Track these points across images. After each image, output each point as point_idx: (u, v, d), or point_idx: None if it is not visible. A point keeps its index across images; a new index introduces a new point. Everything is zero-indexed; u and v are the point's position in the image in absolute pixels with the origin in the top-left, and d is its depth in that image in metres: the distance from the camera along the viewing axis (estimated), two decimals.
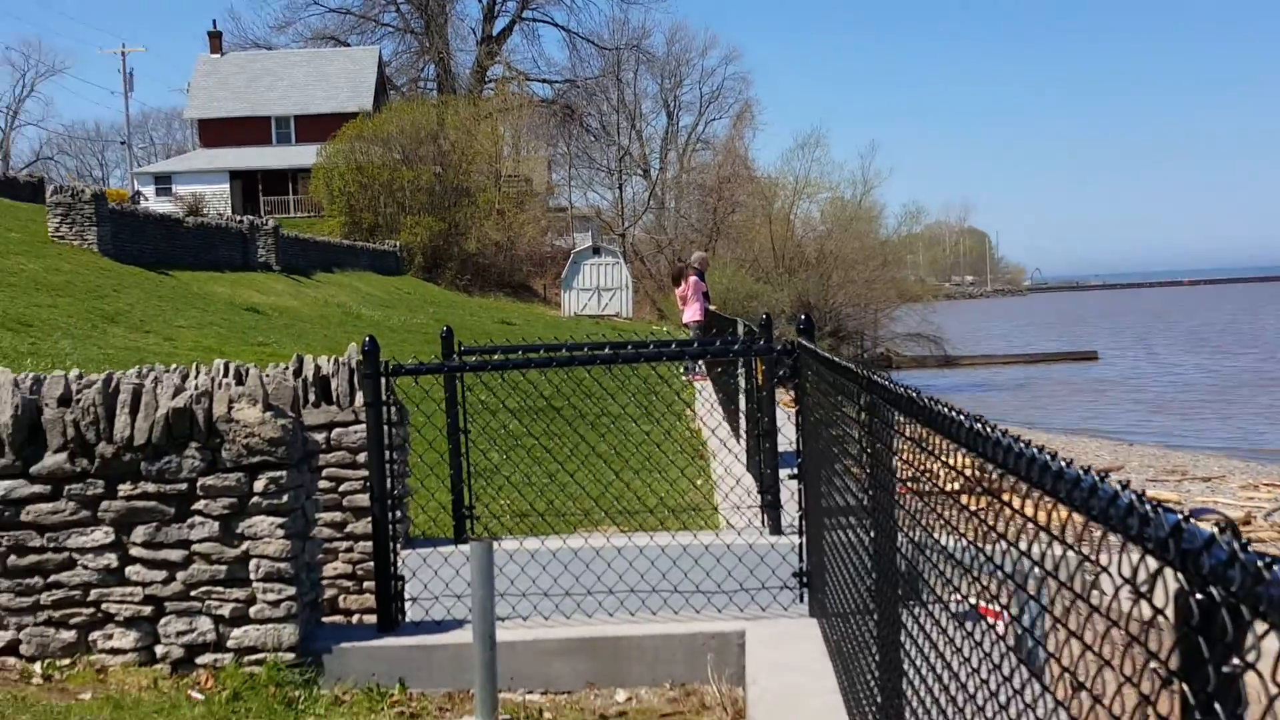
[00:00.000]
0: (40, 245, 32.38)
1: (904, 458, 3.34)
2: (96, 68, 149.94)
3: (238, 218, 45.33)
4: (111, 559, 5.94)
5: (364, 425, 7.54)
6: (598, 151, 76.76)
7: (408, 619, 6.43)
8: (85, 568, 5.95)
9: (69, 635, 5.97)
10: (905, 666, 3.42)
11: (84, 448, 5.91)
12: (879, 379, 3.74)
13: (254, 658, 5.90)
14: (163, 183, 72.01)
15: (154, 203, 63.01)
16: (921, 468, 3.09)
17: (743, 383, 11.98)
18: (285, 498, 5.90)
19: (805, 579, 6.45)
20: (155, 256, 36.68)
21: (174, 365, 8.35)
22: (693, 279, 21.12)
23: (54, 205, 34.52)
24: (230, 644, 5.93)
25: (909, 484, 3.30)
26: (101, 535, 5.93)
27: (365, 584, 7.85)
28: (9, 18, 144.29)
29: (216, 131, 74.07)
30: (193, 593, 5.93)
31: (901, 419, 3.36)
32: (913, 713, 3.28)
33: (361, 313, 37.89)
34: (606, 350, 7.03)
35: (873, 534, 3.91)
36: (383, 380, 6.31)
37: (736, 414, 13.04)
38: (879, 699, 3.87)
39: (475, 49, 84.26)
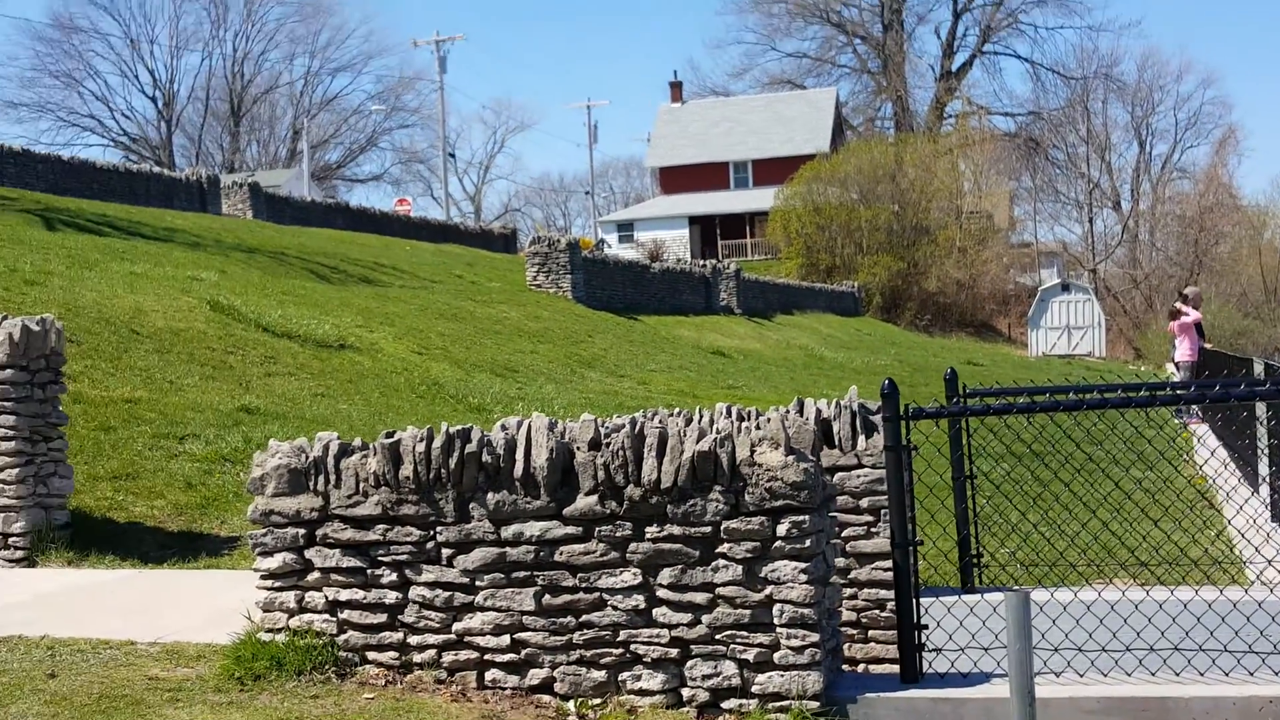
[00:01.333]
0: (519, 293, 34.33)
1: None
2: (563, 122, 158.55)
3: (700, 262, 46.59)
4: (639, 600, 6.05)
5: (865, 469, 7.44)
6: (1064, 184, 74.52)
7: (927, 670, 6.23)
8: (614, 608, 6.09)
9: (600, 675, 6.12)
10: None
11: (613, 490, 6.06)
12: None
13: (778, 704, 5.86)
14: (625, 229, 75.14)
15: (617, 249, 65.79)
16: None
17: (1262, 428, 11.13)
18: (808, 542, 5.85)
19: None
20: (624, 302, 38.14)
21: (651, 409, 8.52)
22: (1187, 315, 19.93)
23: (531, 255, 36.50)
24: (754, 689, 5.92)
25: None
26: (630, 576, 6.06)
27: (870, 632, 7.71)
28: (483, 80, 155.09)
29: (676, 178, 76.68)
30: (717, 636, 5.96)
31: None
32: None
33: (824, 355, 38.05)
34: (1132, 394, 6.63)
35: None
36: (902, 424, 6.17)
37: (1253, 459, 12.13)
38: None
39: (934, 85, 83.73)
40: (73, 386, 12.78)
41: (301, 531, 6.56)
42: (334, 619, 6.55)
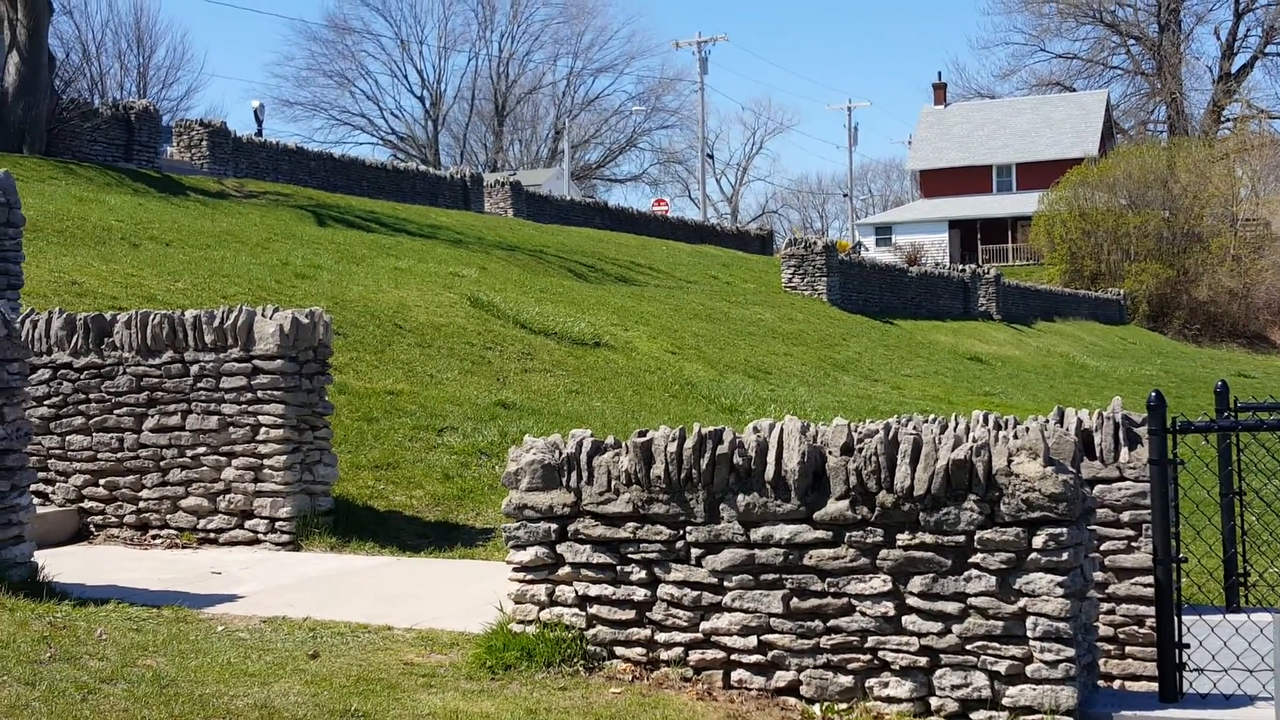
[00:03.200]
0: (773, 295, 34.28)
1: None
2: (822, 123, 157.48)
3: (959, 267, 45.71)
4: (888, 607, 5.95)
5: (1127, 483, 7.16)
6: None
7: (1186, 690, 5.95)
8: (863, 614, 5.99)
9: (846, 680, 6.04)
10: None
11: (864, 496, 5.97)
12: None
13: (1029, 718, 5.68)
14: (882, 233, 74.31)
15: (874, 252, 65.10)
16: None
17: None
18: (1065, 555, 5.65)
19: None
20: (879, 306, 37.72)
21: (905, 415, 8.34)
22: None
23: (787, 257, 36.42)
24: (1005, 702, 5.74)
25: None
26: (879, 583, 5.96)
27: (1128, 648, 7.42)
28: (743, 80, 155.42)
29: (936, 181, 75.45)
30: (968, 646, 5.81)
31: None
32: None
33: (1085, 363, 36.88)
34: None
35: None
36: (1169, 437, 5.90)
37: None
38: None
39: (1211, 87, 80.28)
40: (338, 378, 13.29)
41: (553, 526, 6.66)
42: (583, 613, 6.63)
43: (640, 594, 6.48)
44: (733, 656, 6.29)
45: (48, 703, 5.50)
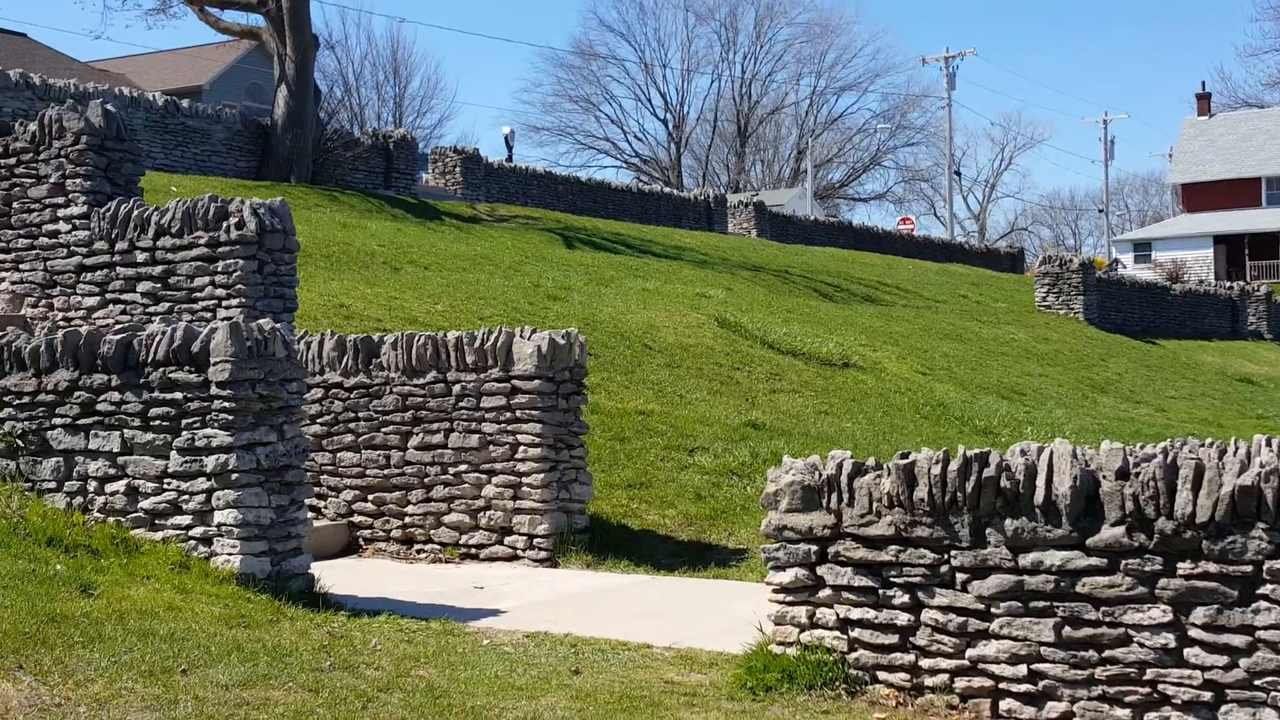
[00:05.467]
0: (1026, 314, 33.46)
1: None
2: (1076, 137, 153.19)
3: (1225, 284, 43.83)
4: (1168, 639, 5.70)
5: None
6: None
7: None
8: (1141, 645, 5.76)
9: (1123, 713, 5.81)
10: None
11: (1142, 522, 5.74)
12: None
13: None
14: (1141, 249, 71.73)
15: (1132, 269, 62.89)
16: None
17: None
18: None
19: None
20: (1139, 325, 36.47)
21: (1177, 438, 7.98)
22: None
23: (1040, 275, 35.53)
24: None
25: None
26: (1159, 613, 5.72)
27: None
28: (992, 95, 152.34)
29: (1200, 195, 72.46)
30: (1256, 682, 5.52)
31: None
32: None
33: None
34: None
35: None
36: None
37: None
38: None
39: None
40: (591, 398, 13.48)
41: (813, 548, 6.60)
42: (844, 636, 6.55)
43: (903, 618, 6.37)
44: (1001, 685, 6.13)
45: (331, 709, 5.70)
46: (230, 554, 8.02)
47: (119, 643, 6.36)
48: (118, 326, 10.93)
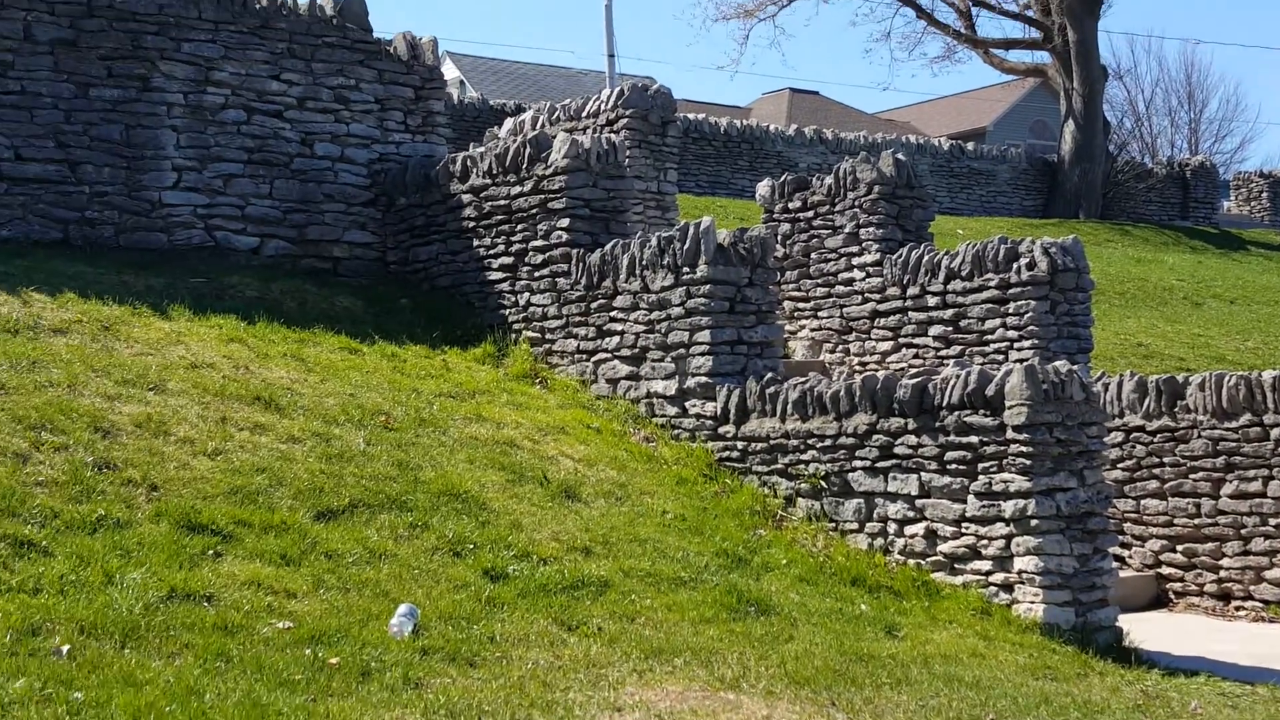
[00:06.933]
0: None
1: None
2: None
3: None
4: None
5: None
6: None
7: None
8: None
9: None
10: None
11: None
12: None
13: None
14: None
15: None
16: None
17: None
18: None
19: None
20: None
21: None
22: None
23: None
24: None
25: None
26: None
27: None
28: None
29: None
30: None
31: None
32: None
33: None
34: None
35: None
36: None
37: None
38: None
39: None
40: None
41: None
42: None
43: None
44: None
45: None
46: (1033, 602, 7.74)
47: (925, 686, 6.28)
48: (912, 370, 11.06)
